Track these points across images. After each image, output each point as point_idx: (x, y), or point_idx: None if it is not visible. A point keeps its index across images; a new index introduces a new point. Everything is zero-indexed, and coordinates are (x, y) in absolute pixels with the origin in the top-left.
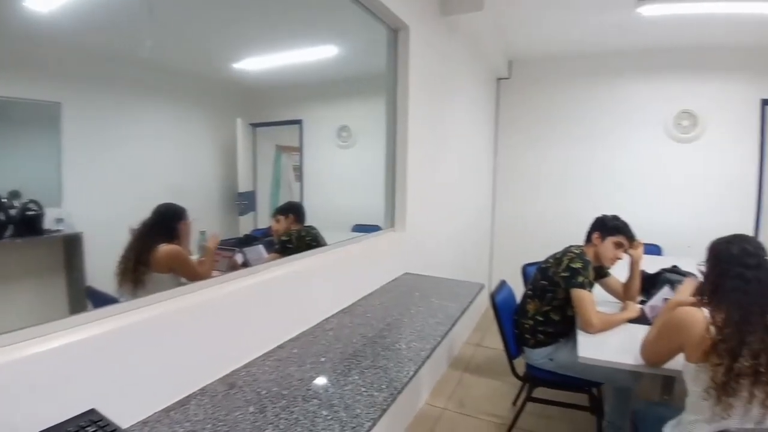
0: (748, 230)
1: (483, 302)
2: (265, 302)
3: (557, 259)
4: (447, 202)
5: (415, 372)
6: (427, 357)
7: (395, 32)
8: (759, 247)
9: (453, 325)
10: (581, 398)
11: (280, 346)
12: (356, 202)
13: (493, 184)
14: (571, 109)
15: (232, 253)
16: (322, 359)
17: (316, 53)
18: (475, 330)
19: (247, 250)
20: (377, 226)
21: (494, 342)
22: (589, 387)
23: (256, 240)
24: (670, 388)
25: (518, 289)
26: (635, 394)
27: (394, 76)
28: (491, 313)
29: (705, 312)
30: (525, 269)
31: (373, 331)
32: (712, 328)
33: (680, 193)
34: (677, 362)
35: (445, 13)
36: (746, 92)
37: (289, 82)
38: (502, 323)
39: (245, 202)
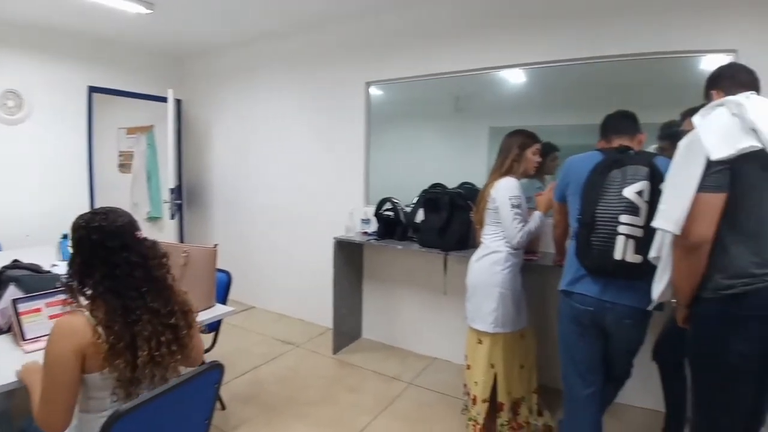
0: (85, 207)
1: None
2: None
3: None
4: None
5: None
6: None
7: None
8: (122, 222)
9: None
10: None
11: None
12: None
13: None
14: None
15: None
16: None
17: None
18: None
19: None
20: None
21: None
22: None
23: None
24: None
25: None
26: (14, 412)
27: None
28: None
29: (86, 314)
30: None
31: None
32: (101, 330)
33: (11, 179)
34: None
35: None
36: (75, 78)
37: None
38: None
39: None
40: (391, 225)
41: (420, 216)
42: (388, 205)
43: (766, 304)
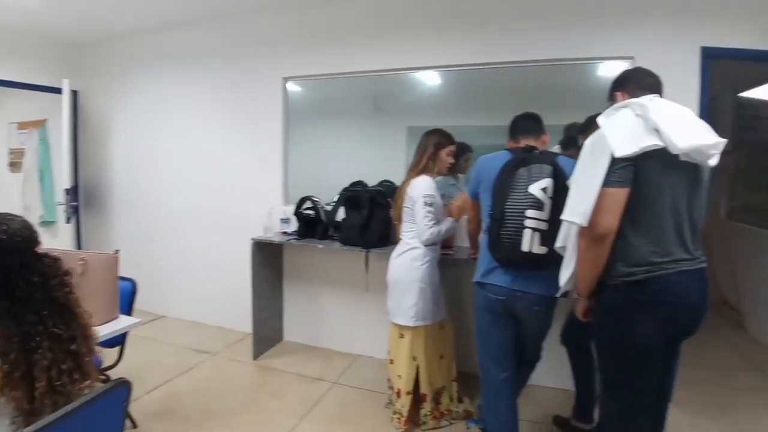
0: None
1: None
2: None
3: None
4: None
5: None
6: None
7: None
8: (22, 236)
9: None
10: None
11: None
12: None
13: None
14: None
15: None
16: None
17: None
18: None
19: None
20: None
21: None
22: None
23: None
24: None
25: None
26: None
27: None
28: None
29: None
30: None
31: None
32: None
33: None
34: None
35: None
36: None
37: None
38: None
39: None
40: (312, 224)
41: (341, 214)
42: (308, 204)
43: (666, 290)
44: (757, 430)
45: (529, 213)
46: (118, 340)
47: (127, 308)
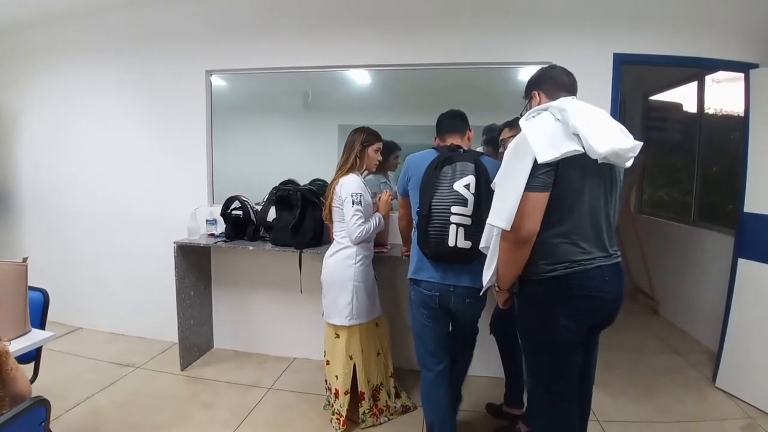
0: None
1: None
2: None
3: None
4: None
5: None
6: None
7: None
8: None
9: None
10: None
11: None
12: None
13: None
14: None
15: None
16: None
17: None
18: None
19: None
20: None
21: None
22: None
23: None
24: None
25: None
26: None
27: None
28: None
29: None
30: None
31: None
32: None
33: None
34: None
35: None
36: None
37: None
38: None
39: None
40: (241, 225)
41: (272, 214)
42: (236, 204)
43: (585, 284)
44: (676, 409)
45: (455, 209)
46: (31, 356)
47: (39, 321)
